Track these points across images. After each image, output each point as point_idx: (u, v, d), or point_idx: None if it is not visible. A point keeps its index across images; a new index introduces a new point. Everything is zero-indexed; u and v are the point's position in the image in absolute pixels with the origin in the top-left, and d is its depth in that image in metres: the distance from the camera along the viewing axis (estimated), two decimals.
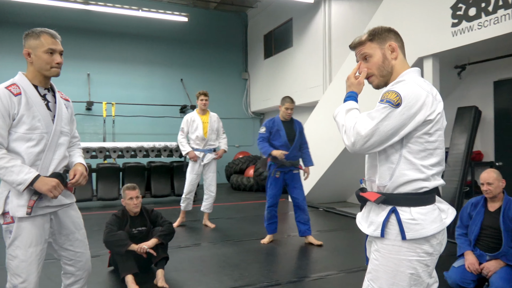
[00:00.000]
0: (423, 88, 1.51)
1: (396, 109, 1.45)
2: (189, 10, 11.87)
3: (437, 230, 1.50)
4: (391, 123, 1.46)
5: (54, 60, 2.10)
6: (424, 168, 1.51)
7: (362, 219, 1.69)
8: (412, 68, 1.64)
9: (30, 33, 2.10)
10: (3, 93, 1.99)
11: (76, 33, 10.70)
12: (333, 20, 8.99)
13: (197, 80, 12.14)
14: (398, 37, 1.69)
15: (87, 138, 10.57)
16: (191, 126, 5.64)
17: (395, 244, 1.51)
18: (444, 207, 1.60)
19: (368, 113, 1.52)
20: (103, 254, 4.03)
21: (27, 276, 2.03)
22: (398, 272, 1.51)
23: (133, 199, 3.58)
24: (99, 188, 7.73)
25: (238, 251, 4.51)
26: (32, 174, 1.98)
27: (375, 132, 1.47)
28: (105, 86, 11.17)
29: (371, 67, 1.66)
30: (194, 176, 5.69)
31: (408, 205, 1.52)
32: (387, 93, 1.51)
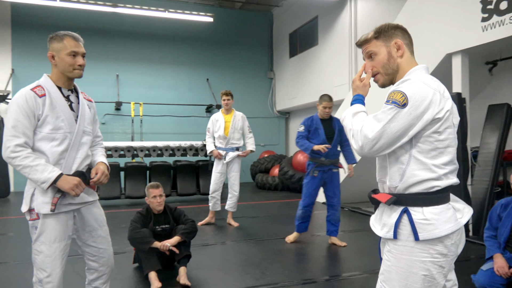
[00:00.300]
0: (429, 86, 1.46)
1: (402, 109, 1.43)
2: (215, 10, 11.98)
3: (451, 230, 1.46)
4: (399, 124, 1.43)
5: (76, 62, 2.17)
6: (436, 168, 1.47)
7: (375, 221, 1.66)
8: (419, 66, 1.61)
9: (54, 37, 2.17)
10: (29, 95, 2.07)
11: (105, 35, 11.00)
12: (359, 17, 8.85)
13: (222, 79, 12.24)
14: (406, 34, 1.64)
15: (116, 137, 10.86)
16: (215, 125, 5.74)
17: (407, 245, 1.48)
18: (460, 207, 1.55)
19: (375, 115, 1.50)
20: (129, 251, 4.13)
21: (51, 270, 2.11)
22: (411, 273, 1.47)
23: (157, 198, 3.65)
24: (127, 186, 7.92)
25: (261, 250, 4.52)
26: (55, 173, 2.05)
27: (383, 134, 1.44)
28: (133, 86, 11.43)
29: (376, 65, 1.63)
30: (218, 174, 5.75)
31: (420, 205, 1.48)
32: (393, 93, 1.48)
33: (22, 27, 10.52)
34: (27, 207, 2.12)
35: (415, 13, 5.87)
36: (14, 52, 10.52)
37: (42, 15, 10.49)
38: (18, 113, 2.04)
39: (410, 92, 1.44)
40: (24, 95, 2.07)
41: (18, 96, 2.08)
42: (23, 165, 2.02)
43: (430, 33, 5.57)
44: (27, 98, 2.06)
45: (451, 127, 1.50)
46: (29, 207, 2.12)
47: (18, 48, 10.52)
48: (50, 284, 2.10)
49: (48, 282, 2.09)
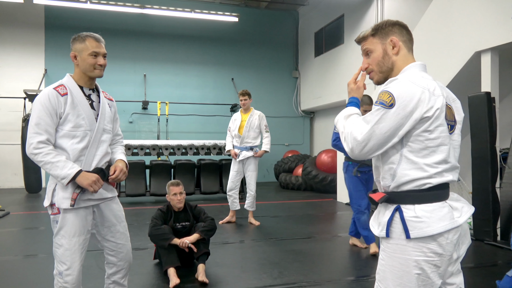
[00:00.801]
0: (417, 84, 1.44)
1: (390, 109, 1.41)
2: (240, 10, 12.04)
3: (445, 228, 1.42)
4: (387, 124, 1.42)
5: (97, 62, 2.24)
6: (427, 167, 1.45)
7: (373, 221, 1.64)
8: (414, 63, 1.59)
9: (77, 37, 2.26)
10: (51, 94, 2.16)
11: (133, 36, 11.25)
12: (386, 15, 8.69)
13: (247, 79, 12.28)
14: (404, 31, 1.62)
15: (142, 136, 11.10)
16: (233, 124, 5.83)
17: (400, 243, 1.46)
18: (458, 205, 1.51)
19: (364, 117, 1.50)
20: (150, 247, 4.22)
21: (71, 263, 2.18)
22: (405, 272, 1.45)
23: (177, 195, 3.71)
24: (152, 184, 8.07)
25: (280, 250, 4.51)
26: (75, 169, 2.12)
27: (372, 135, 1.44)
28: (160, 86, 11.64)
29: (371, 63, 1.64)
30: (234, 173, 5.82)
31: (412, 203, 1.46)
32: (381, 94, 1.47)
33: (55, 29, 10.90)
34: (48, 202, 2.22)
35: (443, 10, 5.71)
36: (47, 53, 10.91)
37: (73, 17, 10.83)
38: (41, 111, 2.13)
39: (397, 92, 1.43)
40: (47, 94, 2.16)
41: (42, 95, 2.17)
42: (44, 161, 2.10)
43: (458, 30, 5.41)
44: (50, 96, 2.15)
45: (443, 125, 1.46)
46: (50, 202, 2.21)
47: (51, 49, 10.91)
48: (70, 276, 2.17)
49: (67, 274, 2.17)
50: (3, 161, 10.59)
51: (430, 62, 5.88)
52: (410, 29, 1.66)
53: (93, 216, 2.32)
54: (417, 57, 1.64)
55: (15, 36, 10.67)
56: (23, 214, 6.88)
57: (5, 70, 10.62)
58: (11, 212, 6.83)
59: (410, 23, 7.90)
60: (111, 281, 2.47)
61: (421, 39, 6.17)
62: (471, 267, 3.92)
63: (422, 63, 1.59)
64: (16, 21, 10.67)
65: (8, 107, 10.53)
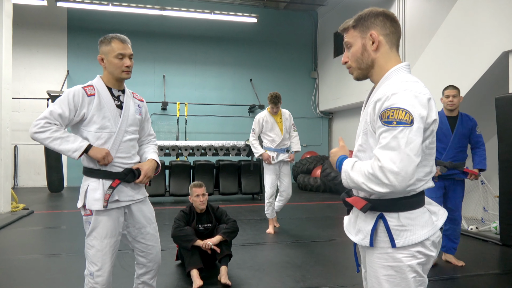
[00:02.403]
0: (423, 93, 1.35)
1: (412, 126, 1.28)
2: (259, 11, 12.03)
3: (428, 235, 1.40)
4: (417, 143, 1.29)
5: (124, 63, 2.25)
6: (417, 181, 1.40)
7: (349, 225, 1.57)
8: (400, 65, 1.46)
9: (103, 40, 2.27)
10: (78, 91, 2.20)
11: (153, 38, 11.37)
12: (408, 15, 8.55)
13: (266, 79, 12.27)
14: (388, 23, 1.46)
15: (161, 136, 11.18)
16: (266, 127, 5.44)
17: (388, 252, 1.41)
18: (435, 209, 1.49)
19: (383, 146, 1.31)
20: (172, 248, 4.23)
21: (102, 265, 2.21)
22: (402, 279, 1.40)
23: (200, 196, 3.71)
24: (171, 184, 8.13)
25: (302, 252, 4.48)
26: (86, 142, 2.15)
27: (408, 160, 1.27)
28: (179, 87, 11.72)
29: (351, 58, 1.52)
30: (273, 177, 5.43)
31: (396, 210, 1.40)
32: (391, 112, 1.31)
33: (77, 31, 11.09)
34: (81, 203, 2.24)
35: (469, 9, 5.58)
36: (70, 55, 11.12)
37: (95, 19, 11.01)
38: (62, 102, 2.17)
39: (410, 106, 1.30)
40: (74, 91, 2.20)
41: (70, 90, 2.22)
42: (53, 137, 2.11)
43: (485, 30, 5.28)
44: (75, 93, 2.19)
45: (433, 136, 1.42)
46: (83, 203, 2.23)
47: (73, 51, 11.11)
48: (101, 277, 2.19)
49: (98, 275, 2.19)
50: (27, 161, 10.83)
51: (456, 62, 5.76)
52: (434, 29, 1.54)
53: (124, 217, 2.34)
54: (442, 58, 1.56)
55: (39, 38, 10.90)
56: (45, 213, 7.01)
57: (29, 71, 10.86)
58: (34, 211, 6.97)
59: (433, 23, 7.77)
60: (141, 281, 2.49)
61: (446, 39, 6.05)
62: (498, 274, 3.82)
63: (408, 64, 1.47)
64: (40, 23, 10.90)
65: (31, 108, 10.76)
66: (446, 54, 6.01)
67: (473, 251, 4.58)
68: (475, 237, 5.15)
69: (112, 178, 2.24)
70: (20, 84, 10.59)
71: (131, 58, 2.29)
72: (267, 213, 5.54)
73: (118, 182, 2.25)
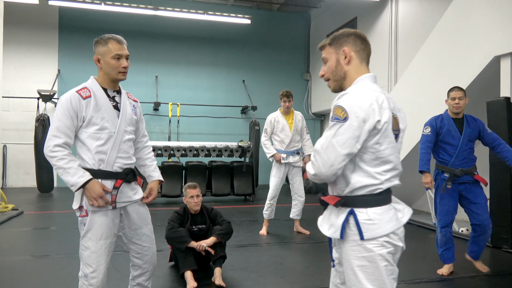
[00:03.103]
0: (367, 97, 1.54)
1: (344, 123, 1.52)
2: (253, 12, 12.04)
3: (392, 229, 1.58)
4: (344, 137, 1.52)
5: (121, 64, 2.24)
6: (378, 175, 1.59)
7: (323, 221, 1.74)
8: (366, 75, 1.67)
9: (99, 40, 2.25)
10: (73, 97, 2.17)
11: (146, 38, 11.31)
12: (400, 18, 8.63)
13: (258, 81, 12.28)
14: (359, 41, 1.70)
15: (153, 137, 11.12)
16: (277, 127, 5.37)
17: (360, 243, 1.57)
18: (400, 207, 1.68)
19: (322, 136, 1.61)
20: (165, 249, 4.21)
21: (97, 266, 2.18)
22: (375, 268, 1.56)
23: (194, 198, 3.70)
24: (164, 185, 8.07)
25: (295, 254, 4.48)
26: (84, 178, 2.12)
27: (331, 148, 1.54)
28: (172, 87, 11.68)
29: (327, 71, 1.74)
30: (279, 179, 5.38)
31: (365, 206, 1.59)
32: (334, 109, 1.58)
33: (68, 30, 10.99)
34: (77, 204, 2.22)
35: (462, 13, 5.65)
36: (61, 54, 11.01)
37: (87, 19, 10.92)
38: (62, 114, 2.15)
39: (348, 105, 1.53)
40: (69, 97, 2.17)
41: (64, 98, 2.18)
42: (57, 166, 2.12)
43: (477, 34, 5.34)
44: (72, 99, 2.16)
45: (390, 137, 1.59)
46: (79, 204, 2.21)
47: (64, 50, 11.00)
48: (95, 279, 2.17)
49: (93, 277, 2.17)
50: (16, 161, 10.68)
51: (448, 66, 5.82)
52: (426, 33, 1.67)
53: (120, 218, 2.32)
54: (434, 61, 1.65)
55: (30, 37, 10.78)
56: (35, 214, 6.92)
57: (19, 70, 10.73)
58: (24, 211, 6.87)
59: (426, 26, 7.85)
60: (136, 283, 2.47)
61: (438, 43, 6.11)
62: (489, 275, 3.85)
63: (373, 75, 1.68)
64: (31, 22, 10.78)
65: (22, 107, 10.63)
66: (438, 58, 6.07)
67: (464, 253, 4.62)
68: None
69: (111, 178, 2.23)
70: (10, 83, 10.45)
71: (127, 59, 2.28)
72: (265, 213, 5.51)
73: (121, 182, 2.24)
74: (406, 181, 7.50)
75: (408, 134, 6.76)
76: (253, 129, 10.72)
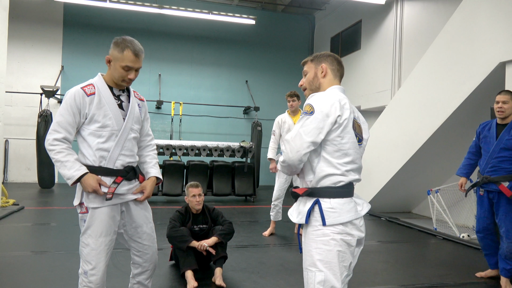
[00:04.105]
0: (330, 97, 1.83)
1: (310, 116, 1.79)
2: (257, 12, 12.03)
3: (351, 218, 1.81)
4: (310, 127, 1.78)
5: (127, 75, 2.22)
6: (339, 165, 1.82)
7: (293, 211, 1.94)
8: (335, 86, 1.98)
9: (118, 43, 2.19)
10: (78, 93, 2.18)
11: (150, 36, 11.31)
12: (405, 22, 8.61)
13: (261, 82, 12.27)
14: (335, 62, 2.02)
15: (155, 135, 11.10)
16: (283, 128, 5.29)
17: (320, 228, 1.80)
18: (360, 202, 1.92)
19: (294, 128, 1.86)
20: (165, 248, 4.20)
21: (96, 263, 2.17)
22: (329, 251, 1.77)
23: (196, 197, 3.68)
24: (164, 184, 8.07)
25: (295, 255, 4.46)
26: (80, 171, 2.13)
27: (298, 136, 1.78)
28: (174, 86, 11.68)
29: (305, 82, 2.06)
30: (283, 180, 5.31)
31: (328, 197, 1.82)
32: (305, 106, 1.85)
33: (73, 26, 10.99)
34: (78, 201, 2.21)
35: (468, 18, 5.63)
36: (64, 50, 11.01)
37: (92, 15, 10.92)
38: (65, 109, 2.16)
39: (315, 102, 1.82)
40: (74, 93, 2.18)
41: (69, 94, 2.19)
42: (55, 159, 2.14)
43: (482, 40, 5.32)
44: (76, 96, 2.17)
45: (350, 133, 1.84)
46: (80, 201, 2.20)
47: (68, 46, 11.01)
48: (95, 276, 2.16)
49: (92, 274, 2.16)
50: (18, 156, 10.68)
51: (452, 71, 5.80)
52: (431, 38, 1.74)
53: (121, 216, 2.31)
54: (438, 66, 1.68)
55: (34, 32, 10.78)
56: (36, 210, 6.91)
57: (23, 65, 10.73)
58: (25, 206, 6.87)
59: (430, 30, 7.83)
60: (136, 282, 2.46)
61: (443, 48, 6.10)
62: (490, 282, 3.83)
63: (341, 87, 1.99)
64: (36, 17, 10.78)
65: (24, 102, 10.64)
66: (443, 63, 6.05)
67: (465, 259, 4.61)
68: (467, 245, 5.19)
69: (112, 175, 2.22)
70: (13, 78, 10.45)
71: (137, 70, 2.26)
72: (270, 214, 5.51)
73: (121, 179, 2.24)
74: (407, 186, 7.51)
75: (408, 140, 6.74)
76: (255, 130, 10.71)
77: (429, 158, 6.49)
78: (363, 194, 7.45)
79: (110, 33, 10.93)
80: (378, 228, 6.26)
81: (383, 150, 7.16)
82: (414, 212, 7.77)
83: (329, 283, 1.76)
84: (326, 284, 1.76)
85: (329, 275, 1.76)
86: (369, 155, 7.40)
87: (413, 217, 7.29)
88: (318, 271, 1.77)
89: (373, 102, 9.46)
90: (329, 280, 1.76)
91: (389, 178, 6.91)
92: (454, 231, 5.77)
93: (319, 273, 1.77)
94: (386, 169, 6.97)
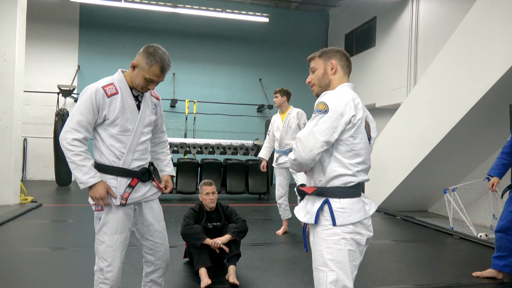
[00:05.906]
0: (344, 96, 1.79)
1: (325, 114, 1.75)
2: (270, 10, 12.00)
3: (361, 218, 1.81)
4: (323, 126, 1.74)
5: (147, 86, 2.22)
6: (351, 166, 1.80)
7: (300, 209, 1.93)
8: (345, 83, 1.93)
9: (148, 54, 2.16)
10: (98, 92, 2.15)
11: (164, 35, 11.37)
12: (421, 18, 8.48)
13: (275, 80, 12.23)
14: (344, 58, 1.96)
15: (170, 133, 11.19)
16: (273, 126, 5.34)
17: (330, 228, 1.78)
18: (368, 201, 1.91)
19: (306, 126, 1.83)
20: (179, 245, 4.23)
21: (112, 260, 2.20)
22: (340, 250, 1.76)
23: (210, 195, 3.70)
24: (179, 182, 8.12)
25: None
26: (95, 179, 2.13)
27: (312, 135, 1.74)
28: (189, 85, 11.74)
29: (314, 78, 1.99)
30: (282, 178, 5.29)
31: (338, 197, 1.80)
32: (317, 104, 1.81)
33: (89, 26, 11.14)
34: None
35: (484, 15, 5.52)
36: (81, 50, 11.17)
37: (108, 15, 11.05)
38: (85, 108, 2.12)
39: (330, 101, 1.77)
40: (95, 91, 2.14)
41: (90, 90, 2.15)
42: (72, 160, 2.11)
43: (500, 36, 5.20)
44: (96, 95, 2.14)
45: (363, 133, 1.82)
46: None
47: (84, 46, 11.16)
48: (110, 273, 2.19)
49: (108, 271, 2.18)
50: (36, 154, 10.89)
51: (469, 68, 5.69)
52: (447, 34, 1.70)
53: (133, 213, 2.33)
54: (455, 63, 1.65)
55: (51, 32, 10.96)
56: (53, 207, 7.04)
57: (40, 65, 10.92)
58: (43, 204, 7.00)
59: (447, 26, 7.69)
60: (149, 280, 2.48)
61: (460, 44, 5.99)
62: (509, 282, 3.75)
63: (352, 85, 1.94)
64: (52, 18, 10.95)
65: (42, 102, 10.83)
66: (460, 59, 5.94)
67: (482, 259, 4.52)
68: (485, 245, 5.09)
69: (128, 176, 2.24)
70: (31, 77, 10.65)
71: (158, 83, 2.25)
72: (280, 213, 5.49)
73: (137, 181, 2.25)
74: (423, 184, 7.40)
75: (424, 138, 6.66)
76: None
77: (446, 156, 6.38)
78: (378, 192, 7.38)
79: (125, 33, 11.05)
80: (393, 227, 6.20)
81: (398, 147, 7.08)
82: (430, 211, 7.66)
83: (341, 282, 1.75)
84: (338, 283, 1.75)
85: (341, 274, 1.75)
86: (384, 153, 7.32)
87: (429, 216, 7.19)
88: (329, 270, 1.76)
89: (388, 99, 9.35)
90: (341, 280, 1.75)
91: (405, 177, 6.82)
92: (471, 230, 5.68)
93: (331, 273, 1.75)
94: (401, 167, 6.88)
